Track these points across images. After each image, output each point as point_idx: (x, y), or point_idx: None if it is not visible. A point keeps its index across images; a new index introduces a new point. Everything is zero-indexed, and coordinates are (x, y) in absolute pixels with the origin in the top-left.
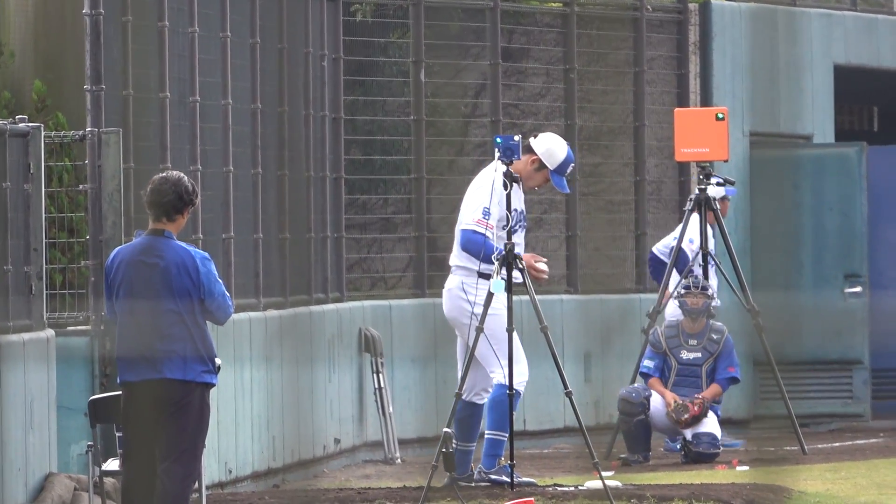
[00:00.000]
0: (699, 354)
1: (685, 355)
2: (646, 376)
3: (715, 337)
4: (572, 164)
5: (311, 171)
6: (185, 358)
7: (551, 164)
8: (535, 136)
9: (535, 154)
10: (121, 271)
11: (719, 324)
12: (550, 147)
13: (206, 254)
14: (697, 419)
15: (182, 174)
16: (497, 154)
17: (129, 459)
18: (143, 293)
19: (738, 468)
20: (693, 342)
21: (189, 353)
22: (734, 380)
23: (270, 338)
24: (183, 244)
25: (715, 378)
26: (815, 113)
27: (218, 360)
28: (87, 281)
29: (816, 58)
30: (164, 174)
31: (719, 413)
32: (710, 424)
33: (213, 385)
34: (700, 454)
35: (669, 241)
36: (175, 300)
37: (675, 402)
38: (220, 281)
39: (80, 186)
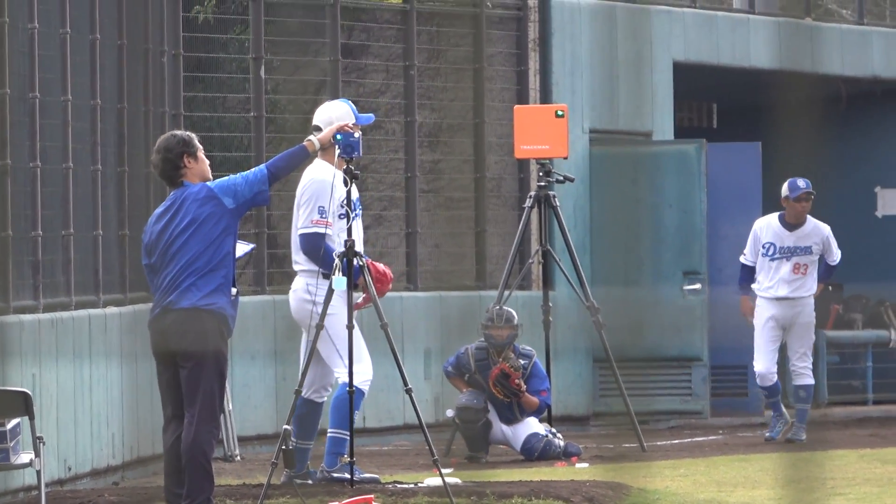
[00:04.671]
0: None
1: None
2: (449, 374)
3: (523, 362)
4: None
5: (150, 167)
6: None
7: (352, 119)
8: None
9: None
10: None
11: (528, 348)
12: (330, 115)
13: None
14: (511, 392)
15: (169, 137)
16: (338, 151)
17: None
18: None
19: (578, 465)
20: None
21: None
22: (546, 405)
23: (110, 334)
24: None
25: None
26: (654, 110)
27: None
28: None
29: (656, 54)
30: (156, 145)
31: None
32: (534, 425)
33: None
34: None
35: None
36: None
37: (503, 370)
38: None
39: None
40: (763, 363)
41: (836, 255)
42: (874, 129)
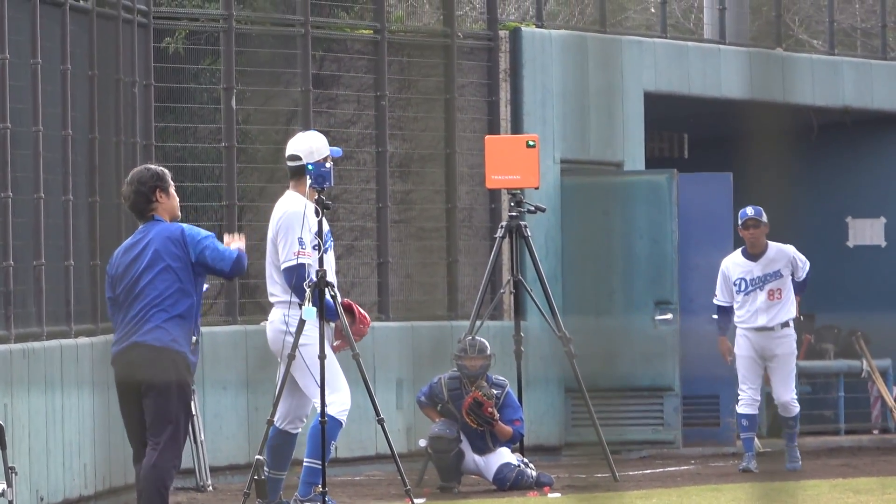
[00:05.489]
0: None
1: None
2: (422, 403)
3: (496, 392)
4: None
5: (121, 197)
6: None
7: (327, 150)
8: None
9: (309, 171)
10: None
11: (501, 378)
12: (310, 145)
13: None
14: (484, 420)
15: (143, 170)
16: (309, 181)
17: None
18: None
19: (550, 495)
20: None
21: None
22: (519, 434)
23: (81, 365)
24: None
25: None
26: (625, 140)
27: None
28: None
29: (627, 85)
30: (129, 177)
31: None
32: (506, 455)
33: None
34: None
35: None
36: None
37: (476, 398)
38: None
39: None
40: (750, 390)
41: (801, 271)
42: (845, 159)
